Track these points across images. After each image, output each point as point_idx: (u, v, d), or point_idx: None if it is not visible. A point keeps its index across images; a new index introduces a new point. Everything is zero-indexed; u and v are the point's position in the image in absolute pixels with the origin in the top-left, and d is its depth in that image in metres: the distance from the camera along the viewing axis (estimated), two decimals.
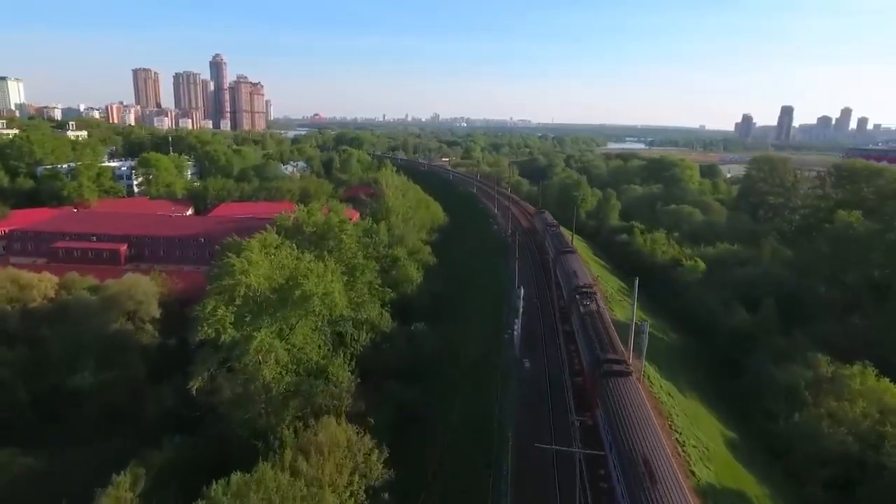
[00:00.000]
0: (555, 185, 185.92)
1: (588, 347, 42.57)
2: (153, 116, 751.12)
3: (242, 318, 44.06)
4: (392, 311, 66.66)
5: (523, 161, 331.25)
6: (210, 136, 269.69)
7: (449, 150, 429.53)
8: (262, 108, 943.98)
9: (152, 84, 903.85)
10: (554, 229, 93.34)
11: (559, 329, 57.73)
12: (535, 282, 76.03)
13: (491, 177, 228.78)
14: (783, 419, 51.95)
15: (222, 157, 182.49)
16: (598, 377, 36.84)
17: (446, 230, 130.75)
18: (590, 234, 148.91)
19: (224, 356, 44.91)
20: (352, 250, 60.26)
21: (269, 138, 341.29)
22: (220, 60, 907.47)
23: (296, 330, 47.45)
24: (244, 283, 44.20)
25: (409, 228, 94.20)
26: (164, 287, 77.35)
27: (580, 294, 52.94)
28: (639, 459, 27.30)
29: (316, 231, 60.68)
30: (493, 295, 75.29)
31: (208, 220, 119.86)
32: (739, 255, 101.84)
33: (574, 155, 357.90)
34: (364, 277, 57.83)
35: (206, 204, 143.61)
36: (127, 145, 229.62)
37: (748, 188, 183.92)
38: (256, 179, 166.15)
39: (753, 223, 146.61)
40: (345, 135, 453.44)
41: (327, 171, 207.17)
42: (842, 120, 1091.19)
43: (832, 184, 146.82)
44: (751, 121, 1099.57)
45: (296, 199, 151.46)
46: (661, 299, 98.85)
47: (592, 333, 43.78)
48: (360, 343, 57.02)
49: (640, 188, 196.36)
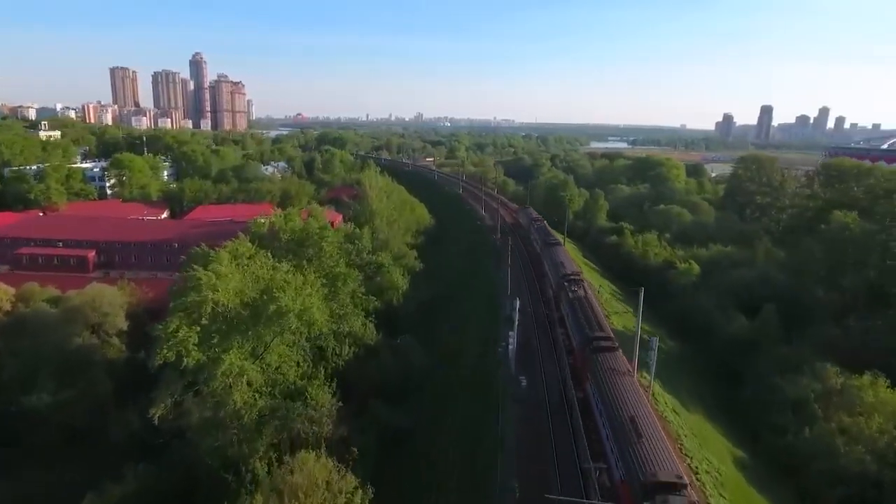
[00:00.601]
0: (541, 185, 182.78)
1: (577, 328, 46.29)
2: (131, 116, 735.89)
3: (209, 338, 39.82)
4: (377, 320, 62.79)
5: (508, 161, 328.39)
6: (188, 135, 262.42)
7: (433, 150, 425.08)
8: (244, 108, 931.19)
9: (130, 83, 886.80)
10: (539, 223, 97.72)
11: (557, 340, 54.32)
12: (528, 288, 72.62)
13: (476, 177, 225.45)
14: (792, 434, 49.12)
15: (200, 157, 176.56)
16: (588, 354, 40.09)
17: (432, 233, 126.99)
18: (578, 235, 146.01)
19: (190, 380, 40.69)
20: (333, 258, 56.13)
21: (249, 138, 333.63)
22: (199, 59, 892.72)
23: (271, 348, 43.37)
24: (211, 300, 39.97)
25: (394, 232, 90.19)
26: (132, 296, 72.52)
27: (568, 281, 56.47)
28: (626, 419, 30.46)
29: (294, 238, 56.45)
30: (483, 302, 71.75)
31: (183, 224, 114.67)
32: (733, 257, 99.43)
33: (559, 154, 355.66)
34: (346, 287, 53.80)
35: (182, 206, 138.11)
36: (101, 145, 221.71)
37: (735, 187, 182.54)
38: (235, 181, 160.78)
39: (742, 223, 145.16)
40: (327, 134, 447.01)
41: (309, 172, 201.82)
42: (820, 119, 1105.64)
43: (821, 183, 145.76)
44: (731, 120, 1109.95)
45: (276, 200, 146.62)
46: (654, 303, 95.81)
47: (581, 315, 47.53)
48: (343, 358, 53.06)
49: (626, 188, 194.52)
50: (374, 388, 52.32)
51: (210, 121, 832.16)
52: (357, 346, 55.31)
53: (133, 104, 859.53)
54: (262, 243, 54.13)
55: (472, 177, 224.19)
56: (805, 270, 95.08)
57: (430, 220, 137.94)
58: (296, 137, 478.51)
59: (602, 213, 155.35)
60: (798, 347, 64.36)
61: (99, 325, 65.92)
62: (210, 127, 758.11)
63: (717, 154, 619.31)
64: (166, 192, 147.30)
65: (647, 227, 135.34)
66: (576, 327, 46.83)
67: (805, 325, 78.11)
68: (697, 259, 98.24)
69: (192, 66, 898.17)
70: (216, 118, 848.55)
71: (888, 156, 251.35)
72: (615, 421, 31.15)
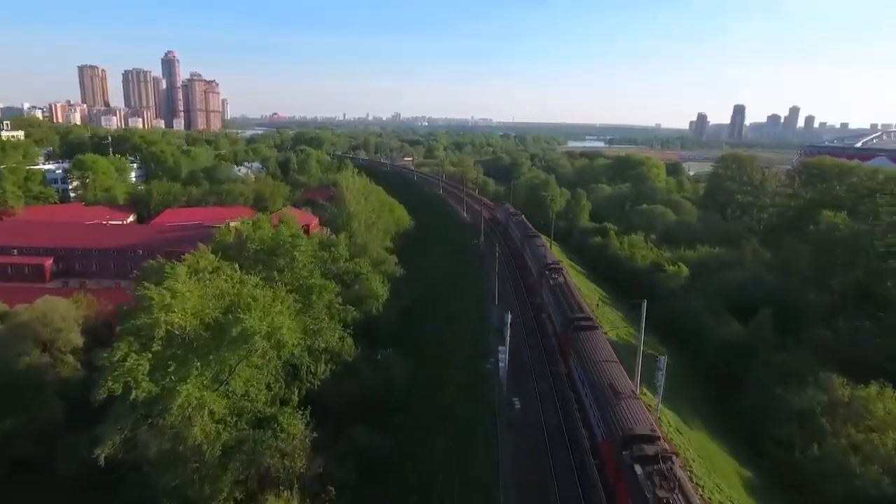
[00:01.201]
0: (522, 185, 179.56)
1: (559, 311, 50.99)
2: (100, 116, 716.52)
3: (163, 365, 35.17)
4: (355, 332, 58.49)
5: (488, 160, 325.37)
6: (158, 135, 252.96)
7: (411, 150, 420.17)
8: (218, 107, 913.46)
9: (100, 82, 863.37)
10: (517, 217, 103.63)
11: (551, 351, 50.77)
12: (516, 294, 69.06)
13: (456, 177, 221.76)
14: (800, 450, 46.25)
15: (170, 158, 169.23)
16: (570, 333, 44.27)
17: (412, 235, 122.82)
18: (561, 235, 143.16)
19: (143, 412, 36.03)
20: (307, 269, 51.69)
21: (222, 138, 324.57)
22: (172, 57, 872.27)
23: (236, 373, 38.84)
24: (164, 322, 35.37)
25: (373, 236, 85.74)
26: (89, 309, 67.02)
27: (549, 270, 62.09)
28: (605, 384, 34.63)
29: (263, 248, 51.84)
30: (467, 307, 67.95)
31: (149, 229, 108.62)
32: (721, 259, 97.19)
33: (538, 154, 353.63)
34: (321, 300, 49.40)
35: (149, 210, 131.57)
36: (65, 146, 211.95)
37: (715, 186, 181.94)
38: (207, 182, 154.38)
39: (725, 222, 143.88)
40: (304, 134, 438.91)
41: (284, 173, 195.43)
42: (790, 118, 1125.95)
43: (802, 182, 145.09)
44: (705, 119, 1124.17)
45: (249, 203, 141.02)
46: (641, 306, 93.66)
47: (562, 300, 52.52)
48: (319, 377, 48.69)
49: (608, 187, 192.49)
50: (353, 408, 48.15)
51: (183, 120, 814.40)
52: (334, 363, 50.98)
53: (103, 103, 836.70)
54: (228, 254, 49.52)
55: (452, 177, 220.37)
56: (793, 271, 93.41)
57: (410, 222, 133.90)
58: (271, 137, 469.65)
59: (584, 214, 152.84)
60: (798, 354, 61.73)
61: (51, 341, 60.46)
62: (183, 127, 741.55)
63: (692, 153, 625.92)
64: (133, 194, 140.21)
65: (631, 228, 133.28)
66: (558, 310, 52.01)
67: (797, 328, 76.09)
68: (685, 261, 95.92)
69: (165, 64, 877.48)
70: (189, 118, 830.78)
71: (862, 154, 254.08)
72: (596, 389, 35.04)
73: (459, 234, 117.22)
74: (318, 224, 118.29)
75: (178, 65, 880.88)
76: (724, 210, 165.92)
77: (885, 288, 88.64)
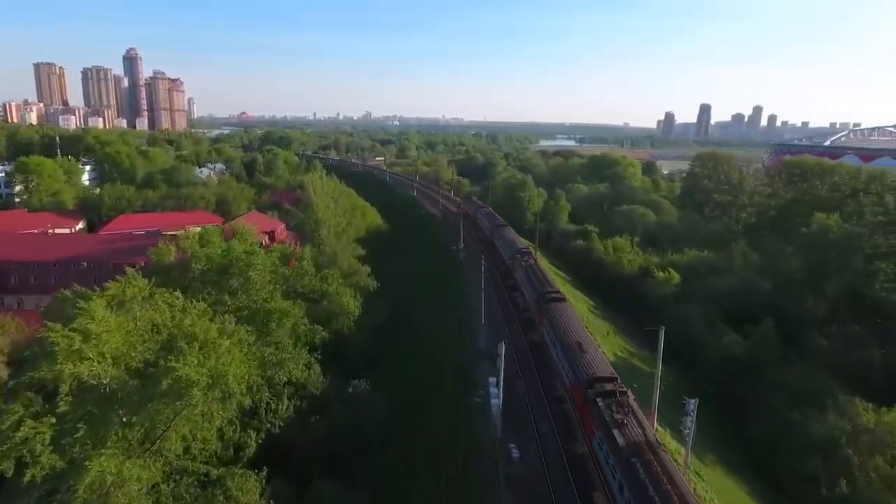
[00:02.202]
0: (499, 185, 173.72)
1: (532, 288, 59.50)
2: (58, 115, 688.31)
3: (72, 430, 27.99)
4: (324, 354, 51.78)
5: (461, 160, 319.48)
6: (114, 135, 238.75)
7: (383, 149, 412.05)
8: (183, 106, 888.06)
9: (57, 80, 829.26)
10: (485, 209, 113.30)
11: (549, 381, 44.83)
12: (502, 309, 63.06)
13: (429, 177, 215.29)
14: (825, 487, 41.32)
15: (125, 159, 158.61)
16: (542, 305, 51.88)
17: (386, 241, 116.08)
18: (539, 238, 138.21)
19: (49, 488, 28.68)
20: (265, 289, 44.71)
21: (184, 138, 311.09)
22: (134, 55, 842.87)
23: (171, 431, 31.72)
24: (72, 374, 28.22)
25: (343, 245, 78.68)
26: (18, 333, 58.70)
27: (521, 254, 72.53)
28: (573, 343, 41.48)
29: (211, 268, 44.75)
30: (451, 328, 61.59)
31: (96, 238, 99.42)
32: (710, 263, 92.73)
33: (512, 153, 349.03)
34: (282, 327, 42.54)
35: (101, 216, 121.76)
36: (11, 147, 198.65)
37: (693, 186, 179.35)
38: (165, 185, 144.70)
39: (706, 223, 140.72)
40: (272, 134, 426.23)
41: (250, 175, 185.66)
42: (753, 117, 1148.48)
43: (783, 181, 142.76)
44: (673, 118, 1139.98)
45: (211, 207, 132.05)
46: (631, 315, 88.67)
47: (533, 278, 61.21)
48: (281, 416, 41.87)
49: (584, 187, 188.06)
50: (322, 452, 41.48)
51: (147, 120, 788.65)
52: (299, 398, 44.25)
53: (61, 102, 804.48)
54: (170, 276, 42.35)
55: (426, 177, 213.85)
56: (785, 276, 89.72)
57: (384, 225, 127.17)
58: (238, 137, 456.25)
59: (563, 214, 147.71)
60: (809, 371, 56.87)
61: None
62: (147, 126, 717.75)
63: (663, 151, 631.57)
64: (84, 199, 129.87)
65: (611, 229, 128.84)
66: (530, 287, 60.67)
67: (795, 337, 72.06)
68: (674, 266, 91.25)
69: (126, 62, 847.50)
70: (153, 117, 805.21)
71: (831, 152, 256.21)
72: (565, 346, 41.75)
73: (436, 238, 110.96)
74: (284, 230, 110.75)
75: (141, 62, 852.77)
76: (702, 209, 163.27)
77: (873, 290, 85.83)
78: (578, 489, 31.62)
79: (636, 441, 28.52)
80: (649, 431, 29.88)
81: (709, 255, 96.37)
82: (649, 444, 28.33)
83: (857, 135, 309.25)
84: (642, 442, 28.50)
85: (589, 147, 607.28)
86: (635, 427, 29.83)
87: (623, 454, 28.24)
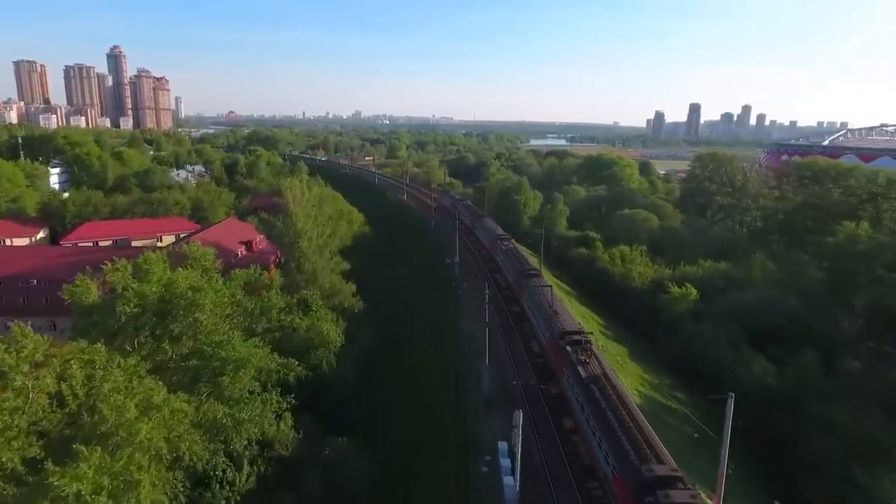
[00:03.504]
0: (492, 188, 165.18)
1: (512, 267, 70.74)
2: (39, 114, 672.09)
3: None
4: (299, 395, 43.41)
5: (452, 160, 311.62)
6: (88, 135, 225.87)
7: (372, 149, 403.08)
8: (168, 105, 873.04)
9: (39, 78, 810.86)
10: (462, 202, 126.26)
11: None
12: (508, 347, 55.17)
13: (420, 179, 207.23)
14: None
15: (96, 161, 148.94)
16: (522, 280, 62.96)
17: (374, 249, 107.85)
18: (536, 243, 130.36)
19: None
20: (219, 332, 36.13)
21: (163, 137, 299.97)
22: (118, 53, 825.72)
23: None
24: None
25: (325, 261, 70.20)
26: None
27: (500, 240, 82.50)
28: (547, 307, 52.31)
29: (145, 309, 35.64)
30: (447, 365, 53.38)
31: (54, 252, 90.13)
32: (727, 275, 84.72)
33: (504, 153, 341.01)
34: (239, 381, 34.01)
35: (65, 224, 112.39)
36: None
37: (694, 188, 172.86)
38: (138, 189, 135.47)
39: (714, 228, 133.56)
40: (257, 133, 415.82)
41: (231, 177, 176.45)
42: (742, 116, 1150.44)
43: (793, 184, 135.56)
44: (663, 117, 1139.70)
45: (186, 213, 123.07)
46: (642, 332, 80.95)
47: (513, 259, 72.74)
48: (239, 488, 33.58)
49: (582, 189, 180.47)
50: None
51: (131, 119, 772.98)
52: (265, 462, 35.93)
53: (42, 101, 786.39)
54: (93, 321, 33.92)
55: (416, 179, 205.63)
56: (807, 289, 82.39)
57: (371, 233, 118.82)
58: (224, 136, 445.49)
59: (562, 219, 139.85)
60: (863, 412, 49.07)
61: None
62: (132, 126, 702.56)
63: (654, 151, 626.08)
64: (47, 206, 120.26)
65: (612, 234, 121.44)
66: (510, 267, 71.09)
67: (828, 361, 64.62)
68: (688, 279, 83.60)
69: (111, 60, 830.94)
70: (138, 116, 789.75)
71: (830, 153, 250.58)
72: (541, 310, 52.35)
73: (429, 247, 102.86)
74: (264, 239, 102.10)
75: (126, 61, 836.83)
76: (704, 212, 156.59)
77: None
78: None
79: (595, 374, 36.34)
80: (605, 366, 38.53)
81: (724, 266, 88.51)
82: (605, 375, 36.19)
83: (854, 134, 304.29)
84: (600, 374, 36.30)
85: (580, 146, 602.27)
86: (595, 365, 37.72)
87: (584, 383, 35.89)
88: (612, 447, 29.03)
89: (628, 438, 28.75)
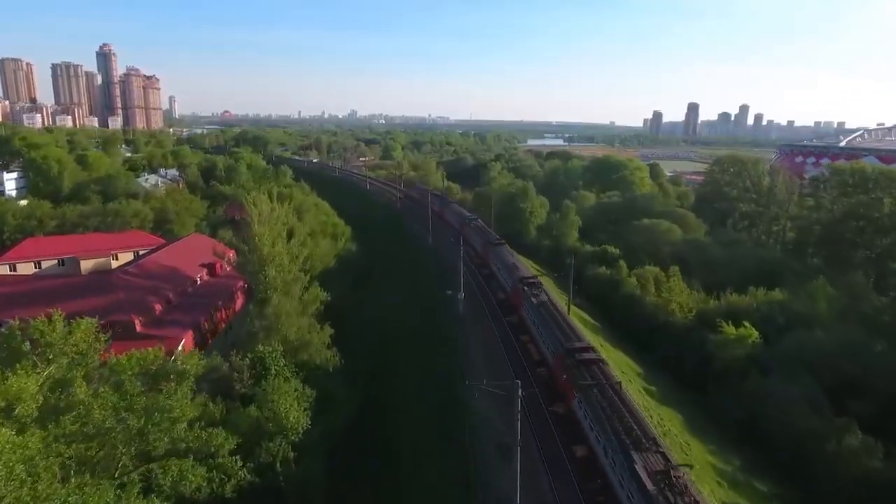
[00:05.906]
0: (494, 193, 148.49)
1: (508, 273, 69.57)
2: (23, 114, 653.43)
3: None
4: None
5: (449, 161, 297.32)
6: (46, 136, 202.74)
7: (367, 150, 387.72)
8: (159, 104, 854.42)
9: (25, 76, 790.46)
10: (453, 205, 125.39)
11: None
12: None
13: (416, 184, 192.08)
14: None
15: (54, 166, 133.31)
16: (520, 287, 61.19)
17: (361, 269, 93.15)
18: (545, 258, 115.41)
19: None
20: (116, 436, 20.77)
21: (141, 137, 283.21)
22: (108, 51, 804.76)
23: None
24: None
25: (295, 302, 54.55)
26: None
27: (493, 244, 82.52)
28: (549, 310, 53.76)
29: None
30: (449, 450, 38.67)
31: None
32: (791, 308, 69.12)
33: (503, 154, 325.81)
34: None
35: (3, 240, 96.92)
36: None
37: (712, 192, 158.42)
38: (98, 198, 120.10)
39: (747, 242, 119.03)
40: (247, 132, 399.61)
41: (207, 182, 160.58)
42: (740, 116, 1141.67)
43: (836, 191, 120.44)
44: (661, 117, 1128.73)
45: (149, 225, 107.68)
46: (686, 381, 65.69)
47: (510, 265, 71.55)
48: None
49: (591, 195, 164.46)
50: None
51: (121, 118, 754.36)
52: None
53: (28, 100, 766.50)
54: None
55: (412, 183, 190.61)
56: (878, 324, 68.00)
57: (358, 246, 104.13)
58: (213, 136, 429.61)
59: (573, 231, 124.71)
60: None
61: None
62: (122, 125, 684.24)
63: (653, 151, 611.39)
64: None
65: (629, 247, 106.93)
66: (507, 273, 70.57)
67: None
68: (738, 311, 68.79)
69: (100, 58, 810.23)
70: (127, 115, 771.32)
71: (848, 154, 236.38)
72: (541, 314, 53.16)
73: (426, 268, 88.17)
74: (234, 258, 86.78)
75: (115, 59, 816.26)
76: (724, 221, 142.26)
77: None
78: None
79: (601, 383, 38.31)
80: (613, 380, 39.41)
81: (782, 296, 73.21)
82: (611, 385, 38.32)
83: (871, 135, 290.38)
84: (605, 384, 38.17)
85: (578, 146, 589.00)
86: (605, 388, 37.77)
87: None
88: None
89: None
